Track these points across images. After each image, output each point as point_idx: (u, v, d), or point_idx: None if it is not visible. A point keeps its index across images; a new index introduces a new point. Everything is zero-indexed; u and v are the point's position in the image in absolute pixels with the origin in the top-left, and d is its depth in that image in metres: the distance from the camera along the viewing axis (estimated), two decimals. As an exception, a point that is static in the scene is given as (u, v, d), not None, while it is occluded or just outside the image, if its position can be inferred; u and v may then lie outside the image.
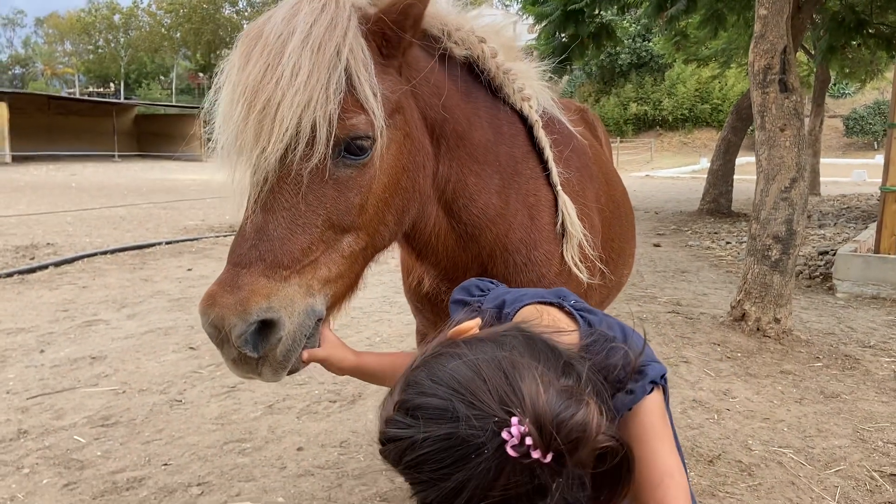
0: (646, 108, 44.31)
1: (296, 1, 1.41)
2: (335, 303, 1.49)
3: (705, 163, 19.41)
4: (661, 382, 1.25)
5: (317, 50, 1.32)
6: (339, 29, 1.36)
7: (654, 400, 1.23)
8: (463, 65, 1.80)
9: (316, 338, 1.44)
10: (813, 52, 16.82)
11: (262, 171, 1.36)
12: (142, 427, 3.83)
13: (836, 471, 3.41)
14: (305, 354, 1.43)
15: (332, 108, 1.32)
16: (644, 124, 44.84)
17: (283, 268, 1.33)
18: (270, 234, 1.34)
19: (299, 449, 3.60)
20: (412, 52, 1.59)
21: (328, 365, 1.50)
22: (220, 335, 1.30)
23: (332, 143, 1.35)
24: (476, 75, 1.83)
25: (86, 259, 8.71)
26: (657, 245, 10.73)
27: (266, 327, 1.32)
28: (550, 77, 2.16)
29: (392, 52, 1.48)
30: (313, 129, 1.31)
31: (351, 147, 1.38)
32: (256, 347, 1.31)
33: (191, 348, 5.20)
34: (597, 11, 12.85)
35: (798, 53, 14.65)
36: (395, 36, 1.45)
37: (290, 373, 1.44)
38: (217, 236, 10.98)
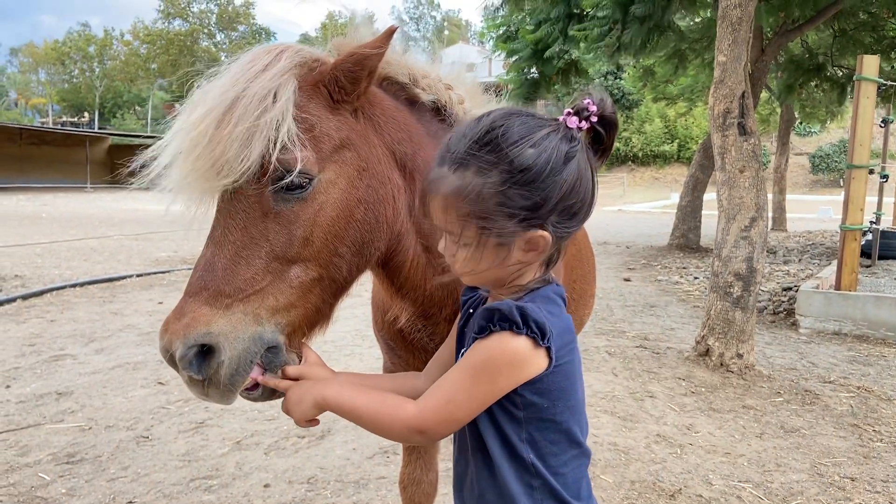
0: (617, 144, 45.06)
1: (245, 54, 1.54)
2: (294, 331, 1.54)
3: (676, 198, 19.75)
4: (529, 334, 1.26)
5: (249, 96, 1.43)
6: (273, 76, 1.46)
7: (496, 345, 1.27)
8: (431, 109, 1.89)
9: (277, 366, 1.50)
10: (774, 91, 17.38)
11: (208, 205, 1.48)
12: (107, 464, 3.81)
13: (793, 505, 3.50)
14: (292, 371, 1.51)
15: (260, 148, 1.41)
16: (616, 159, 45.58)
17: (226, 296, 1.41)
18: (216, 265, 1.43)
19: (266, 486, 3.60)
20: (375, 95, 1.69)
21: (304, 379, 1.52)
22: (169, 358, 1.41)
23: (262, 179, 1.44)
24: (443, 119, 1.92)
25: (54, 292, 8.63)
26: (627, 279, 10.88)
27: (208, 352, 1.40)
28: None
29: (344, 96, 1.57)
30: (243, 167, 1.41)
31: (285, 183, 1.46)
32: (200, 370, 1.40)
33: (160, 383, 5.17)
34: (565, 46, 13.23)
35: (762, 93, 15.13)
36: (349, 83, 1.56)
37: (272, 397, 1.53)
38: (189, 269, 10.90)
